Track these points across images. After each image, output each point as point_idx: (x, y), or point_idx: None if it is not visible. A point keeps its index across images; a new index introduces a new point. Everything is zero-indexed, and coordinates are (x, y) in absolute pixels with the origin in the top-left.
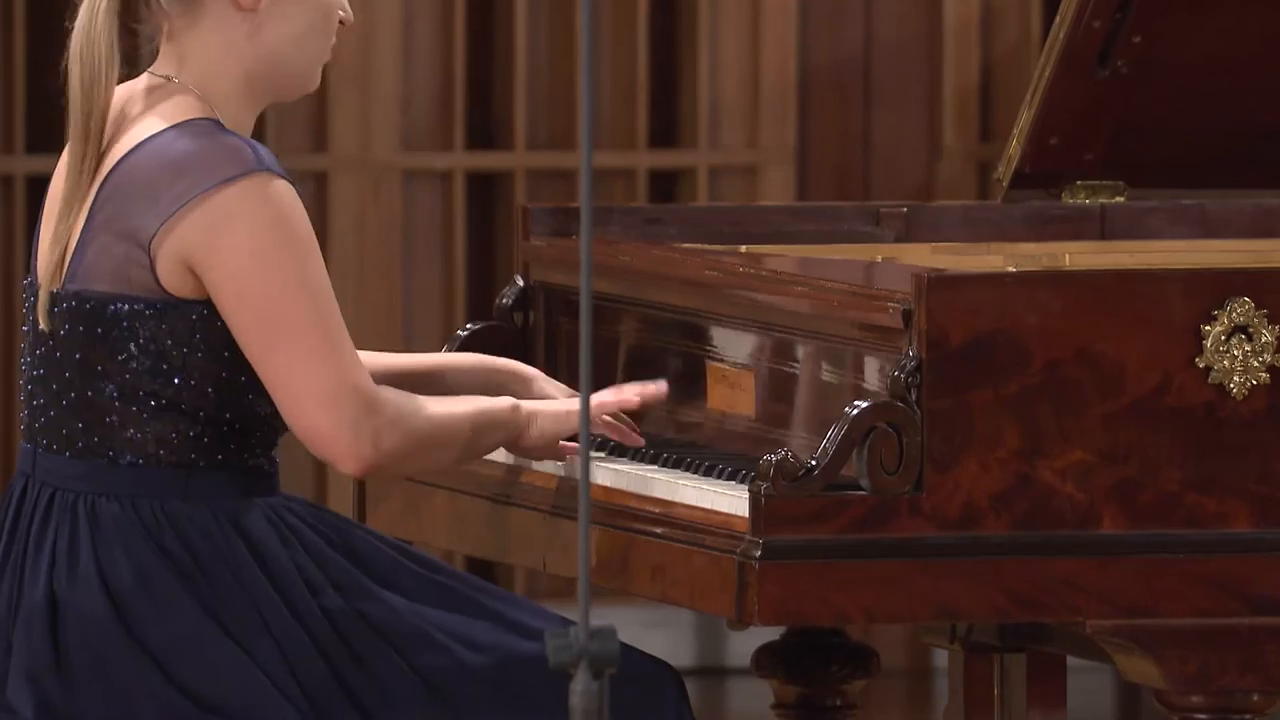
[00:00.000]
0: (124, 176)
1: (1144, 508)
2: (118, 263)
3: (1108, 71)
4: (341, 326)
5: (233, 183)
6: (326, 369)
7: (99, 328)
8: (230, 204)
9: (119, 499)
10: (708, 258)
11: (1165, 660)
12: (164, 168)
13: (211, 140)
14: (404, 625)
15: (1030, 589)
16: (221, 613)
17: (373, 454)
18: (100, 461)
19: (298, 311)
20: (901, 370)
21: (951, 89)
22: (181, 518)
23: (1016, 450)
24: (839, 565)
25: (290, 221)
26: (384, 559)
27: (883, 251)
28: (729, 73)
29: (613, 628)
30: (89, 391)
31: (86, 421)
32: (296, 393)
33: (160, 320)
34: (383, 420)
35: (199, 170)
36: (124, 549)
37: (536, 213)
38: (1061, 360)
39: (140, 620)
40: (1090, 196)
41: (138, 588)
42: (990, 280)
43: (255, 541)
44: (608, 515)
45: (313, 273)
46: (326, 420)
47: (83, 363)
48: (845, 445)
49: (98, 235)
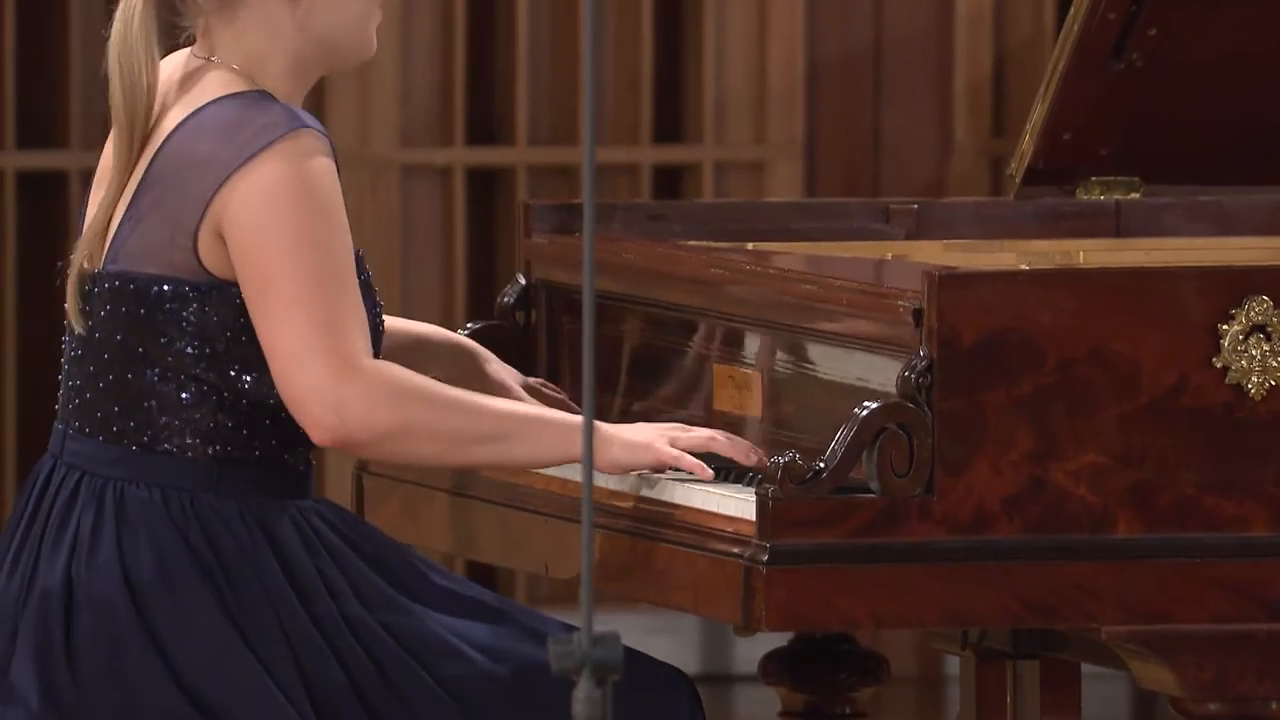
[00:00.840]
0: (168, 159)
1: (1160, 511)
2: (162, 244)
3: (1123, 65)
4: (345, 291)
5: (269, 147)
6: (306, 326)
7: (142, 309)
8: (261, 170)
9: (149, 487)
10: (713, 256)
11: (1182, 667)
12: (208, 140)
13: (256, 110)
14: (426, 635)
15: (1044, 594)
16: (239, 615)
17: (335, 423)
18: (134, 448)
19: (292, 266)
20: (912, 370)
21: (963, 82)
22: (209, 513)
23: (1029, 452)
24: (848, 570)
25: (309, 178)
26: (408, 569)
27: (893, 249)
28: (735, 66)
29: (616, 634)
30: (129, 375)
31: (124, 406)
32: (276, 349)
33: (204, 302)
34: (357, 389)
35: (241, 140)
36: (149, 539)
37: (538, 209)
38: (1075, 360)
39: (156, 613)
40: (1105, 193)
41: (158, 580)
42: (1003, 278)
43: (280, 544)
44: (611, 518)
45: (325, 241)
46: (296, 379)
47: (124, 345)
48: (854, 447)
49: (144, 217)
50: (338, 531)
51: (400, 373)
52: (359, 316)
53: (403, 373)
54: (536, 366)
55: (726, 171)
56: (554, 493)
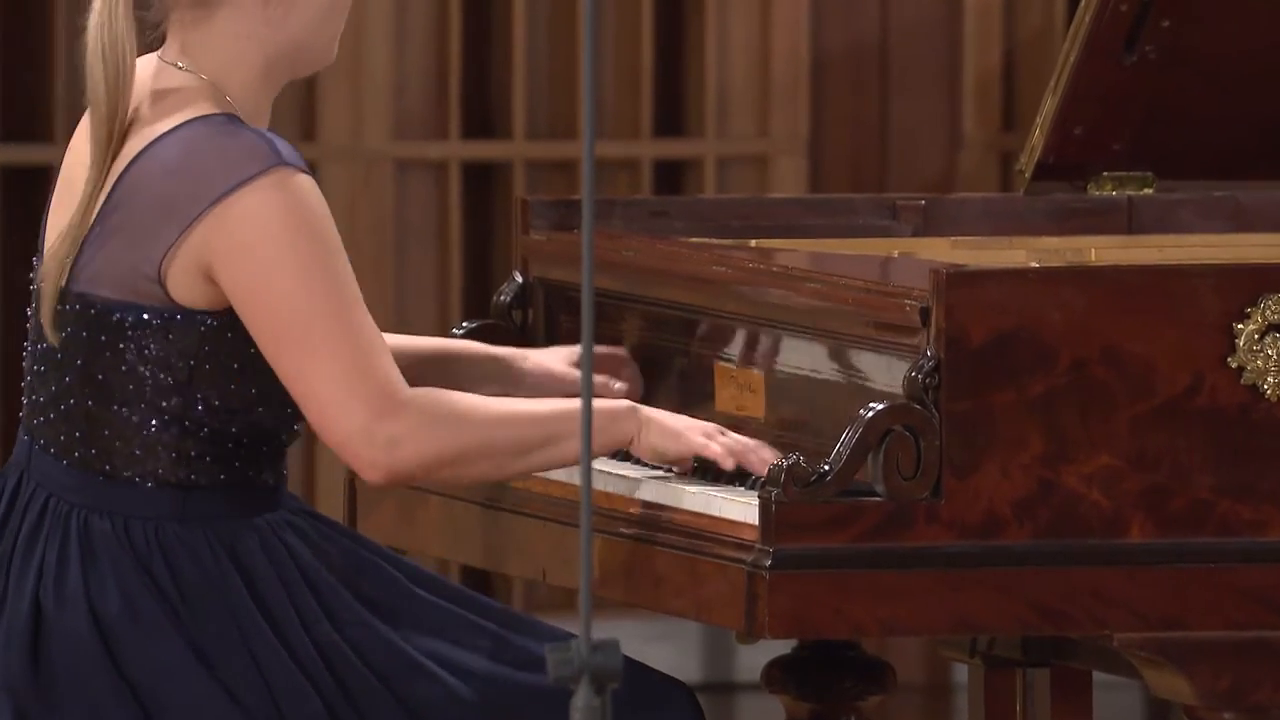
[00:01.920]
0: (136, 180)
1: (1174, 515)
2: (125, 271)
3: (1136, 57)
4: (365, 325)
5: (250, 182)
6: (338, 370)
7: (103, 335)
8: (247, 204)
9: (112, 517)
10: (715, 253)
11: (1197, 675)
12: (177, 172)
13: (228, 138)
14: (394, 655)
15: (1055, 600)
16: (208, 648)
17: (388, 462)
18: (96, 476)
19: (311, 310)
20: (919, 371)
21: (972, 75)
22: (174, 543)
23: (1040, 455)
24: (853, 575)
25: (309, 218)
26: (383, 580)
27: (899, 246)
28: (738, 57)
29: (616, 641)
30: (89, 401)
31: (84, 433)
32: (311, 397)
33: (167, 331)
34: (404, 426)
35: (215, 173)
36: (113, 573)
37: (536, 205)
38: (1087, 360)
39: (125, 648)
40: (1117, 188)
41: (124, 615)
42: (1012, 276)
43: (248, 568)
44: (610, 523)
45: (331, 270)
46: (339, 425)
47: (84, 370)
48: (860, 449)
49: (108, 240)
50: (309, 543)
51: (440, 397)
52: (382, 343)
53: (442, 396)
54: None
55: (729, 166)
56: (552, 496)
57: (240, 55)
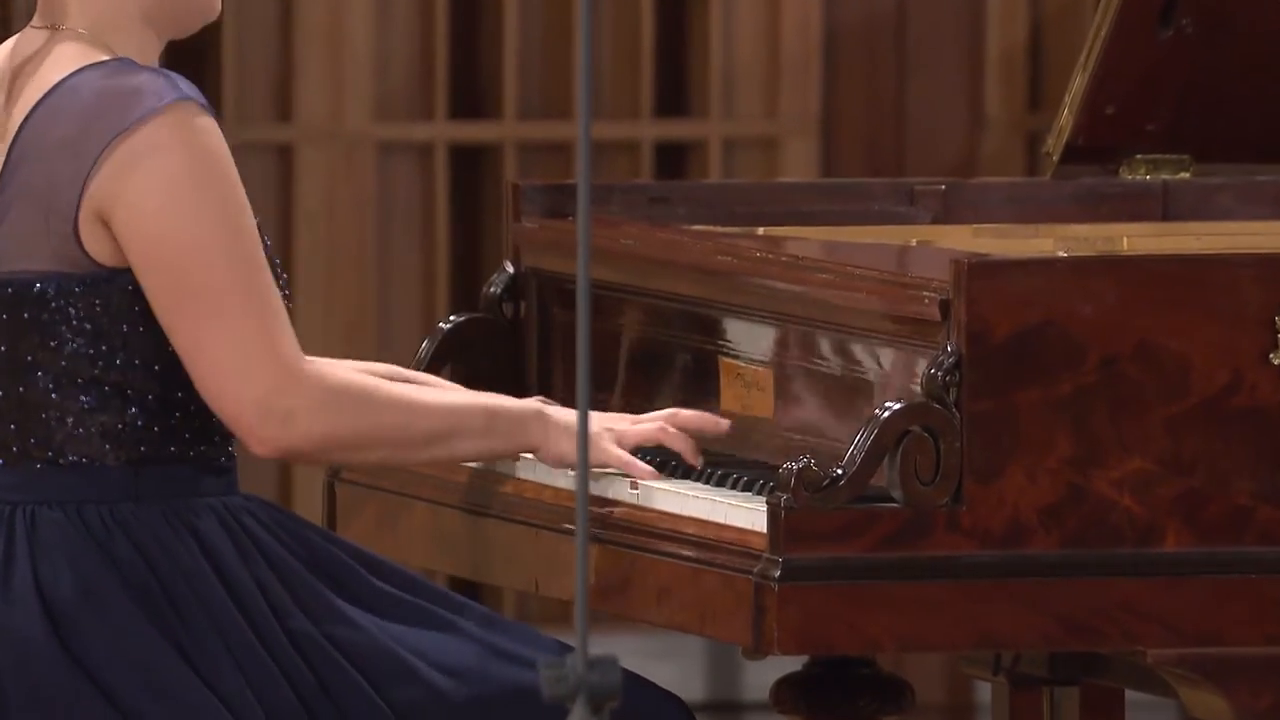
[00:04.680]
0: (31, 136)
1: (1211, 522)
2: (37, 236)
3: (1171, 31)
4: (267, 286)
5: (148, 119)
6: (236, 333)
7: (25, 312)
8: (142, 142)
9: (62, 505)
10: (721, 241)
11: (1235, 694)
12: (76, 116)
13: (123, 77)
14: (375, 651)
15: (1084, 614)
16: (177, 627)
17: (279, 437)
18: (38, 466)
19: (210, 265)
20: (939, 368)
21: (996, 50)
22: (132, 520)
23: (1068, 458)
24: (868, 587)
25: (211, 161)
26: (348, 573)
27: (918, 234)
28: (745, 31)
29: (614, 657)
30: (20, 387)
31: (20, 422)
32: (202, 360)
33: (94, 295)
34: (302, 402)
35: (112, 111)
36: (67, 559)
37: (528, 190)
38: (1119, 356)
39: (84, 640)
40: (1151, 172)
41: (81, 602)
42: (1039, 266)
43: (211, 549)
44: (608, 530)
45: (235, 222)
46: (233, 392)
47: (10, 355)
48: (875, 452)
49: (11, 207)
50: (271, 532)
51: (341, 376)
52: (281, 309)
53: (343, 375)
54: (526, 363)
55: (735, 149)
56: (545, 502)
57: (117, 7)
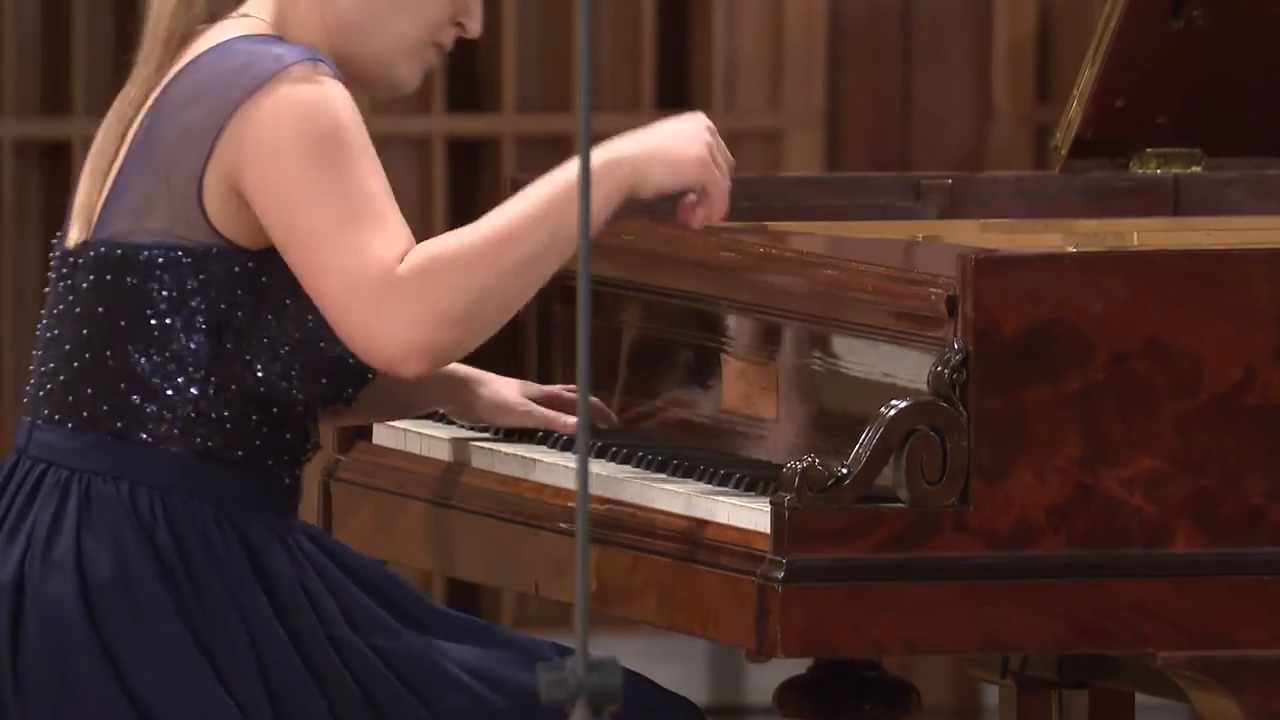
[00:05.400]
0: (169, 96)
1: (1223, 522)
2: (157, 200)
3: (1182, 22)
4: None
5: (274, 76)
6: (340, 256)
7: (128, 277)
8: (268, 102)
9: (117, 481)
10: (723, 237)
11: (1246, 696)
12: (208, 83)
13: (261, 45)
14: (424, 663)
15: (1093, 616)
16: (202, 625)
17: (402, 342)
18: (105, 436)
19: (320, 203)
20: (945, 365)
21: (1004, 42)
22: (180, 513)
23: (1077, 457)
24: (873, 589)
25: (323, 104)
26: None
27: (924, 229)
28: (748, 23)
29: (615, 659)
30: (107, 352)
31: (99, 388)
32: (322, 293)
33: (199, 269)
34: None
35: (244, 74)
36: (110, 537)
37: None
38: (1129, 354)
39: (111, 619)
40: (1162, 166)
41: (116, 583)
42: (1047, 262)
43: (257, 552)
44: (608, 531)
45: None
46: (347, 317)
47: (105, 318)
48: (880, 451)
49: (134, 171)
50: (326, 552)
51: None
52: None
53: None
54: (525, 361)
55: (738, 142)
56: (545, 502)
57: (300, 15)
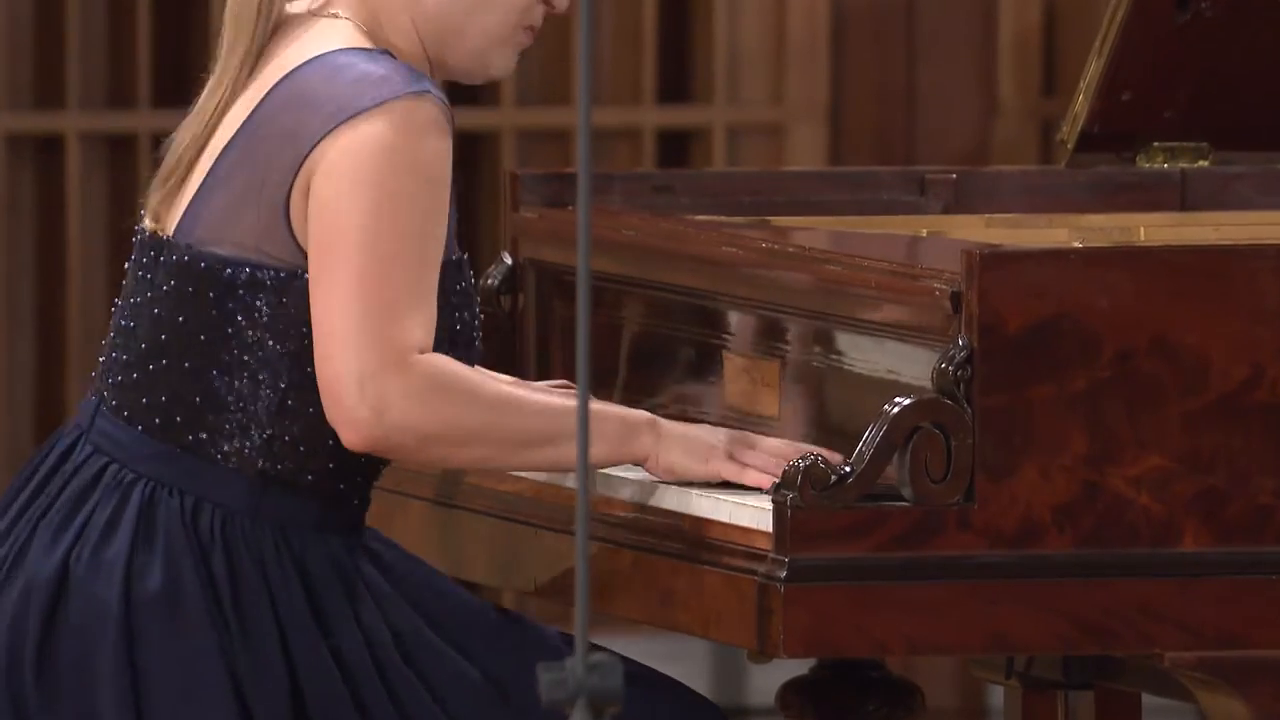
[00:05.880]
0: (270, 107)
1: (1231, 521)
2: (244, 213)
3: (1189, 15)
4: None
5: (380, 104)
6: (363, 305)
7: (211, 292)
8: (363, 124)
9: (182, 495)
10: (725, 232)
11: (1255, 697)
12: (309, 96)
13: (369, 64)
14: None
15: (1099, 616)
16: (240, 654)
17: (371, 420)
18: (175, 447)
19: (364, 237)
20: (950, 362)
21: (1009, 35)
22: (240, 537)
23: (1083, 455)
24: (877, 588)
25: (416, 150)
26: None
27: (928, 224)
28: (750, 15)
29: (616, 660)
30: (185, 364)
31: (173, 397)
32: (323, 324)
33: (282, 292)
34: (400, 384)
35: (351, 94)
36: (165, 553)
37: (527, 179)
38: (1135, 351)
39: (150, 634)
40: (1169, 160)
41: (161, 600)
42: (1053, 258)
43: (313, 578)
44: (609, 530)
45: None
46: (337, 361)
47: (185, 329)
48: (884, 449)
49: (229, 175)
50: (391, 577)
51: (449, 368)
52: (426, 311)
53: (452, 368)
54: (524, 357)
55: (740, 136)
56: (545, 501)
57: (391, 14)
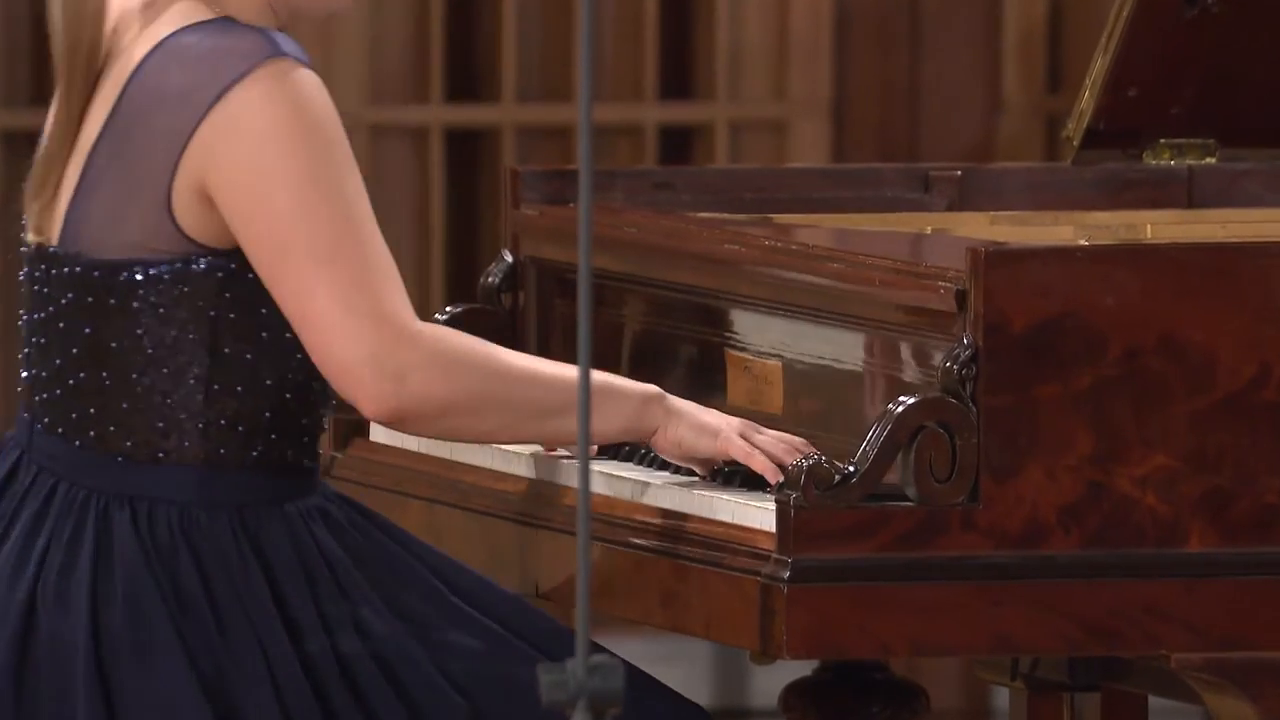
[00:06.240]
0: (131, 101)
1: (1238, 521)
2: (127, 214)
3: (1197, 10)
4: (372, 239)
5: (243, 78)
6: (342, 289)
7: (111, 298)
8: (240, 102)
9: (133, 504)
10: (727, 229)
11: (1262, 699)
12: (172, 80)
13: (220, 37)
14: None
15: (1105, 617)
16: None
17: (393, 393)
18: (115, 457)
19: (309, 221)
20: (954, 361)
21: (1014, 31)
22: (198, 534)
23: (1089, 455)
24: (881, 589)
25: (309, 115)
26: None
27: (932, 222)
28: (753, 10)
29: (617, 662)
30: (103, 373)
31: (100, 409)
32: (312, 319)
33: (182, 282)
34: (416, 359)
35: (207, 76)
36: (126, 581)
37: (527, 176)
38: (1141, 349)
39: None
40: (1176, 157)
41: (128, 629)
42: (1059, 256)
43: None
44: (610, 530)
45: (337, 177)
46: (343, 350)
47: (94, 339)
48: (888, 448)
49: (102, 177)
50: (342, 539)
51: (459, 338)
52: (392, 269)
53: (461, 338)
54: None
55: (742, 132)
56: (545, 500)
57: None
